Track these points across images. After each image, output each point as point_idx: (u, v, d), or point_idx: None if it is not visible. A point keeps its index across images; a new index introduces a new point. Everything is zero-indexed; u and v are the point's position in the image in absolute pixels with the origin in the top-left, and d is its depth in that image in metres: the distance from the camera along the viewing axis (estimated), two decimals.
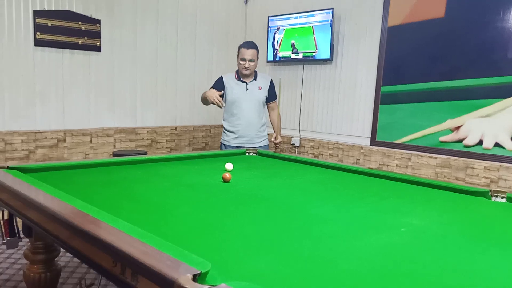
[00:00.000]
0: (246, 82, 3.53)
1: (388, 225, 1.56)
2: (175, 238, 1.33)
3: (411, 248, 1.34)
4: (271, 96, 3.64)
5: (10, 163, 2.96)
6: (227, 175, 2.17)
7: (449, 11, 3.41)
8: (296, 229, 1.49)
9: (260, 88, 3.58)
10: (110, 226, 1.32)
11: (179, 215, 1.61)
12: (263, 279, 1.08)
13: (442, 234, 1.49)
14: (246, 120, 3.53)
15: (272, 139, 3.69)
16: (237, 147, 3.54)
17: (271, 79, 3.66)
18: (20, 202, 1.70)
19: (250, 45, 3.48)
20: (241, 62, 3.45)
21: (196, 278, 1.00)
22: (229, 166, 2.44)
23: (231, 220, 1.57)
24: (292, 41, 4.42)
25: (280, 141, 3.71)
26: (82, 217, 1.41)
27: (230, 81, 3.53)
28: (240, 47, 3.51)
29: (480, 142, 3.30)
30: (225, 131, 3.62)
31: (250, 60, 3.42)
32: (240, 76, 3.53)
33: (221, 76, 3.58)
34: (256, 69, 3.55)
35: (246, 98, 3.51)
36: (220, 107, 3.36)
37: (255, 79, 3.57)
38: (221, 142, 3.73)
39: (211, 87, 3.50)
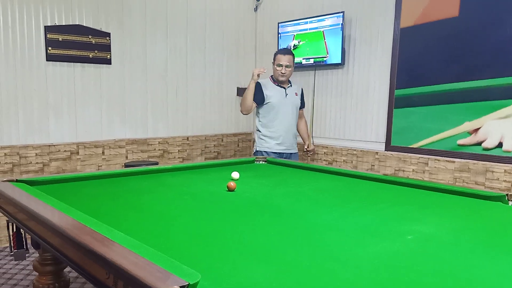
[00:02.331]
0: (284, 87, 3.58)
1: (394, 233, 1.49)
2: (172, 248, 1.31)
3: (415, 256, 1.27)
4: (301, 103, 3.76)
5: (25, 176, 3.01)
6: (231, 183, 2.13)
7: (463, 10, 3.31)
8: (297, 238, 1.44)
9: (296, 94, 3.66)
10: (105, 237, 1.31)
11: (179, 225, 1.59)
12: None
13: (451, 242, 1.41)
14: (286, 125, 3.57)
15: (305, 148, 3.80)
16: (278, 153, 3.55)
17: (302, 88, 3.80)
18: (23, 214, 1.70)
19: (287, 51, 3.55)
20: (277, 68, 3.50)
21: None
22: (235, 175, 2.41)
23: (231, 230, 1.53)
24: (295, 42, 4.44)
25: (313, 148, 3.83)
26: (79, 228, 1.40)
27: (269, 86, 3.57)
28: (276, 53, 3.56)
29: (500, 145, 3.16)
30: (263, 137, 3.61)
31: (286, 66, 3.47)
32: (277, 81, 3.58)
33: (258, 82, 3.57)
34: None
35: (286, 103, 3.56)
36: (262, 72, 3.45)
37: (291, 85, 3.64)
38: (257, 150, 3.66)
39: None
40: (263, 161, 3.16)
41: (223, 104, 4.87)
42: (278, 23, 4.58)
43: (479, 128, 3.26)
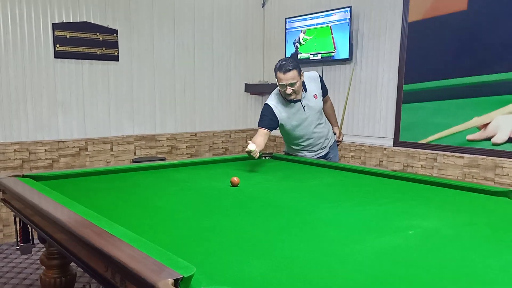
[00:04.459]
0: (300, 100, 2.95)
1: (395, 228, 1.48)
2: (170, 242, 1.31)
3: (415, 251, 1.26)
4: (324, 92, 3.15)
5: (34, 172, 3.05)
6: (235, 179, 2.13)
7: (472, 4, 3.25)
8: (297, 233, 1.44)
9: (315, 96, 3.03)
10: (104, 231, 1.32)
11: (180, 220, 1.60)
12: (249, 284, 1.04)
13: (453, 237, 1.39)
14: (314, 136, 3.10)
15: (336, 138, 3.36)
16: (316, 158, 3.17)
17: (319, 75, 3.12)
18: (28, 209, 1.73)
19: (287, 67, 2.78)
20: (281, 89, 2.86)
21: (178, 282, 0.98)
22: (251, 146, 2.51)
23: (230, 225, 1.54)
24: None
25: (343, 136, 3.42)
26: (80, 222, 1.41)
27: (282, 107, 2.95)
28: (275, 70, 2.86)
29: (510, 140, 3.11)
30: (295, 147, 3.19)
31: (290, 85, 2.79)
32: None
33: (269, 107, 2.93)
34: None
35: (307, 115, 3.00)
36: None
37: (305, 90, 2.98)
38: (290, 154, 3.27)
39: (261, 126, 2.92)
40: (268, 156, 3.16)
41: (231, 100, 4.88)
42: (286, 18, 4.56)
43: (488, 123, 3.21)
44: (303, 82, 2.97)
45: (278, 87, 2.93)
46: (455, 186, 2.11)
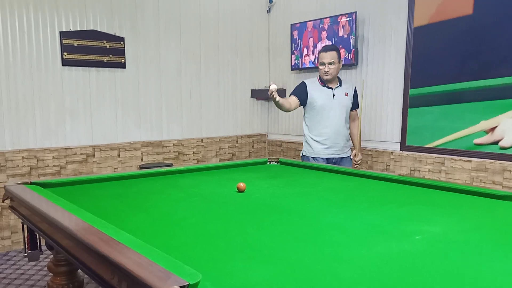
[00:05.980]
0: (332, 88, 3.34)
1: (402, 233, 1.47)
2: (176, 248, 1.32)
3: (422, 257, 1.25)
4: (354, 104, 3.46)
5: (42, 179, 3.07)
6: (241, 184, 2.14)
7: (477, 7, 3.25)
8: (303, 238, 1.44)
9: (346, 94, 3.38)
10: (111, 237, 1.32)
11: (186, 226, 1.60)
12: None
13: (460, 242, 1.38)
14: (334, 128, 3.31)
15: (352, 156, 3.41)
16: (327, 158, 3.32)
17: (355, 88, 3.50)
18: (35, 216, 1.74)
19: (329, 47, 3.29)
20: (320, 67, 3.28)
21: None
22: (273, 86, 2.83)
23: (236, 230, 1.54)
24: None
25: (361, 159, 3.44)
26: (86, 229, 1.42)
27: (314, 87, 3.34)
28: (319, 52, 3.34)
29: None
30: (310, 141, 3.37)
31: (329, 63, 3.22)
32: (324, 81, 3.34)
33: (304, 83, 3.38)
34: (338, 75, 3.39)
35: (333, 105, 3.30)
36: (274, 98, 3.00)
37: (340, 85, 3.37)
38: (304, 155, 3.43)
39: (292, 94, 3.35)
40: (275, 161, 3.16)
41: (237, 106, 4.89)
42: (291, 24, 4.57)
43: (495, 127, 3.19)
44: (340, 79, 3.41)
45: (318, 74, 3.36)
46: (463, 191, 2.09)
